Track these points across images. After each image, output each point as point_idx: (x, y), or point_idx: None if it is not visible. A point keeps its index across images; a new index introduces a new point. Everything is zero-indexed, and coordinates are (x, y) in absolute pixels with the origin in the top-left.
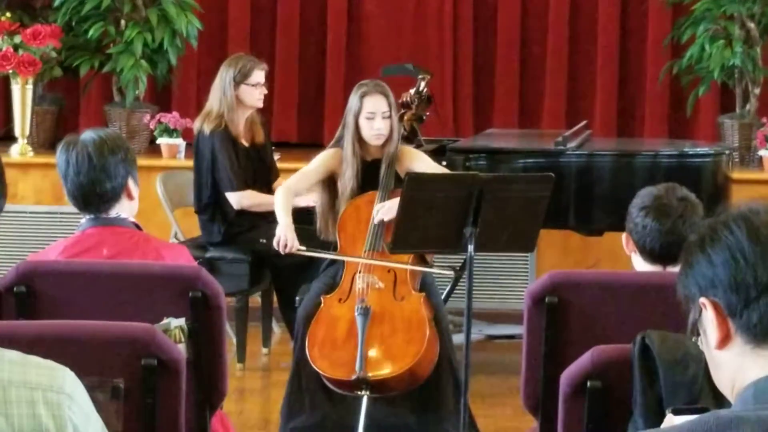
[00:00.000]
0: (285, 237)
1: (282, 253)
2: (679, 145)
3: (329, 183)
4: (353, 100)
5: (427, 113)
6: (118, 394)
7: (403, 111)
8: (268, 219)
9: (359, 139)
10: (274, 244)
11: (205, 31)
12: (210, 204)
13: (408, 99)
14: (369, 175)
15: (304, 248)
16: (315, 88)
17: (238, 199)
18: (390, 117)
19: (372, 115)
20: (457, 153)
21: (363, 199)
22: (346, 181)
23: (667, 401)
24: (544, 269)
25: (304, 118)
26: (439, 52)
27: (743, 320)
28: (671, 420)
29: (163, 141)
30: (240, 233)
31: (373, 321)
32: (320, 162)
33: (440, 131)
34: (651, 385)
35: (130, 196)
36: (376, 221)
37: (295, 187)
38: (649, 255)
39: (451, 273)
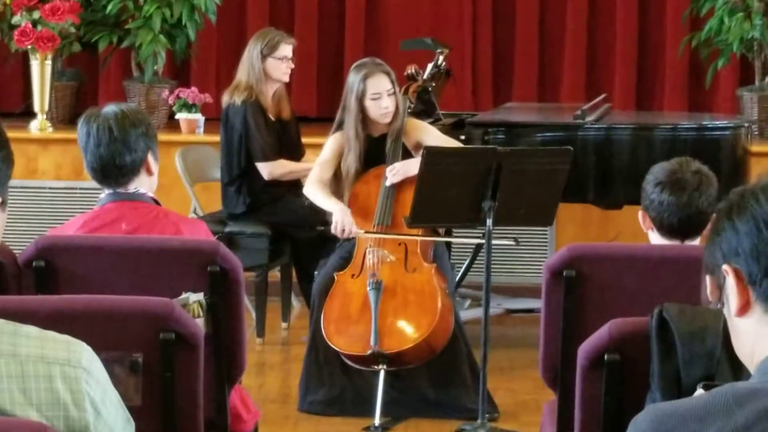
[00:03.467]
0: (343, 222)
1: (341, 237)
2: (698, 118)
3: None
4: (354, 82)
5: (433, 84)
6: (137, 369)
7: (408, 83)
8: (293, 192)
9: (363, 120)
10: (332, 229)
11: (224, 6)
12: (239, 175)
13: (413, 71)
14: (377, 151)
15: (362, 231)
16: (334, 62)
17: (271, 170)
18: (394, 93)
19: (377, 95)
20: (475, 127)
21: (371, 174)
22: (349, 164)
23: (685, 374)
24: (563, 243)
25: (323, 93)
26: (458, 26)
27: (763, 289)
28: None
29: (182, 116)
30: (264, 205)
31: (385, 294)
32: (332, 148)
33: (459, 105)
34: (669, 358)
35: (149, 171)
36: (388, 183)
37: (321, 178)
38: (667, 230)
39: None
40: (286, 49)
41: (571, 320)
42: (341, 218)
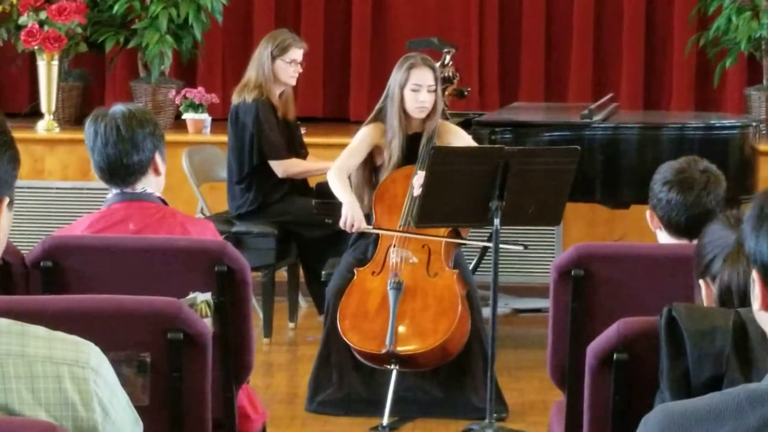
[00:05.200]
0: (352, 217)
1: (349, 231)
2: (705, 118)
3: (367, 157)
4: (399, 72)
5: (469, 89)
6: (145, 369)
7: (444, 86)
8: (301, 191)
9: (404, 110)
10: (341, 224)
11: (230, 6)
12: (249, 173)
13: (450, 74)
14: (408, 149)
15: (370, 227)
16: (340, 63)
17: (285, 168)
18: (435, 91)
19: (418, 87)
20: (482, 126)
21: (401, 172)
22: (392, 151)
23: (694, 373)
24: (571, 242)
25: (329, 93)
26: (464, 26)
27: None
28: None
29: (188, 116)
30: (272, 203)
31: (405, 296)
32: (363, 137)
33: (466, 105)
34: (678, 357)
35: (156, 171)
36: (416, 194)
37: (346, 165)
38: (675, 229)
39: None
40: (296, 53)
41: (579, 320)
42: (350, 212)
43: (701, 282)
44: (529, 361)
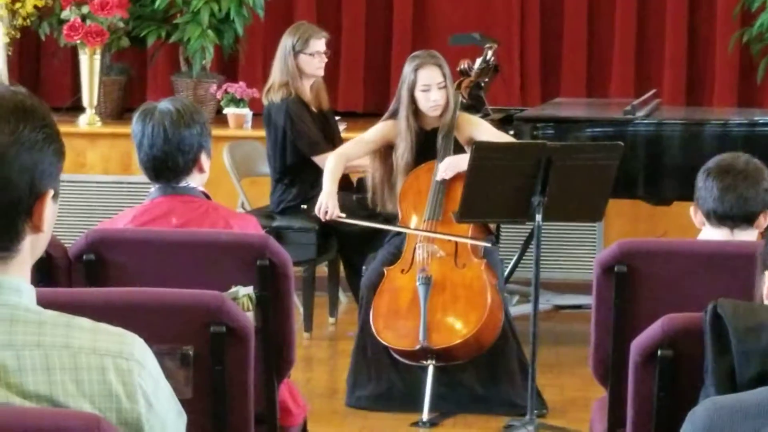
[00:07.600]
0: (326, 204)
1: (323, 219)
2: (749, 114)
3: (386, 155)
4: (407, 72)
5: (486, 80)
6: (188, 362)
7: (461, 78)
8: (340, 187)
9: (414, 111)
10: (316, 210)
11: (271, 1)
12: (287, 172)
13: (466, 66)
14: (428, 145)
15: (344, 215)
16: (381, 58)
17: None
18: (445, 87)
19: (427, 87)
20: (524, 122)
21: (423, 168)
22: (399, 155)
23: (740, 370)
24: (612, 239)
25: (370, 88)
26: (506, 21)
27: None
28: None
29: (229, 111)
30: (313, 198)
31: (435, 290)
32: (378, 132)
33: (507, 100)
34: (723, 354)
35: (201, 170)
36: (438, 178)
37: (349, 153)
38: (716, 219)
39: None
40: (318, 44)
41: (622, 316)
42: (325, 200)
43: (766, 273)
44: (569, 357)
